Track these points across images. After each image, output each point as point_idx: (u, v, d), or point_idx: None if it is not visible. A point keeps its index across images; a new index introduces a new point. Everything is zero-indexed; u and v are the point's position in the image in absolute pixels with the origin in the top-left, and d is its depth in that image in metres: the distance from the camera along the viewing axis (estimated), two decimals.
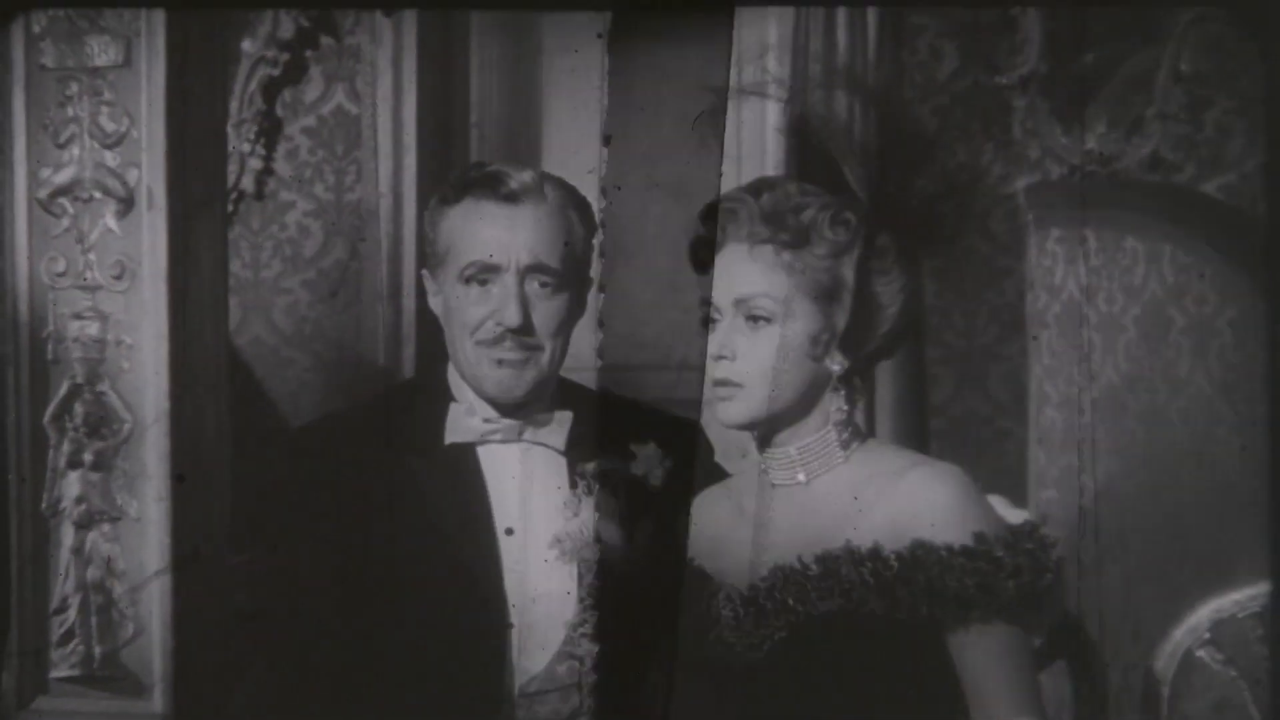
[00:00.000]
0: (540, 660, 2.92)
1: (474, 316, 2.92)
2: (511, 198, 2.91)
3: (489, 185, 2.92)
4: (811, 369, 2.73)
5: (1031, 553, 2.63)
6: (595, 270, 2.99)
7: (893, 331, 2.76)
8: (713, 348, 2.74)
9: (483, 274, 2.90)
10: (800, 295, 2.70)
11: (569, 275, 2.92)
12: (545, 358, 2.93)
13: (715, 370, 2.74)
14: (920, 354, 2.92)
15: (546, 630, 2.92)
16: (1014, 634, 2.63)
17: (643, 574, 2.89)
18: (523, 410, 2.95)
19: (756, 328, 2.72)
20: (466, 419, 2.96)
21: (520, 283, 2.90)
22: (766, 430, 2.75)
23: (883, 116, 2.85)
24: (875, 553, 2.65)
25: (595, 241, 2.98)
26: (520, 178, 2.91)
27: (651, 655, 2.84)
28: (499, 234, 2.90)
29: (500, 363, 2.92)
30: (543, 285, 2.91)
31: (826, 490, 2.73)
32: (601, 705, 2.91)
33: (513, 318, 2.89)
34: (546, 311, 2.92)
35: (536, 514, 2.93)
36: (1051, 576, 2.64)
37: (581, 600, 2.90)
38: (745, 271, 2.72)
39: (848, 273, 2.71)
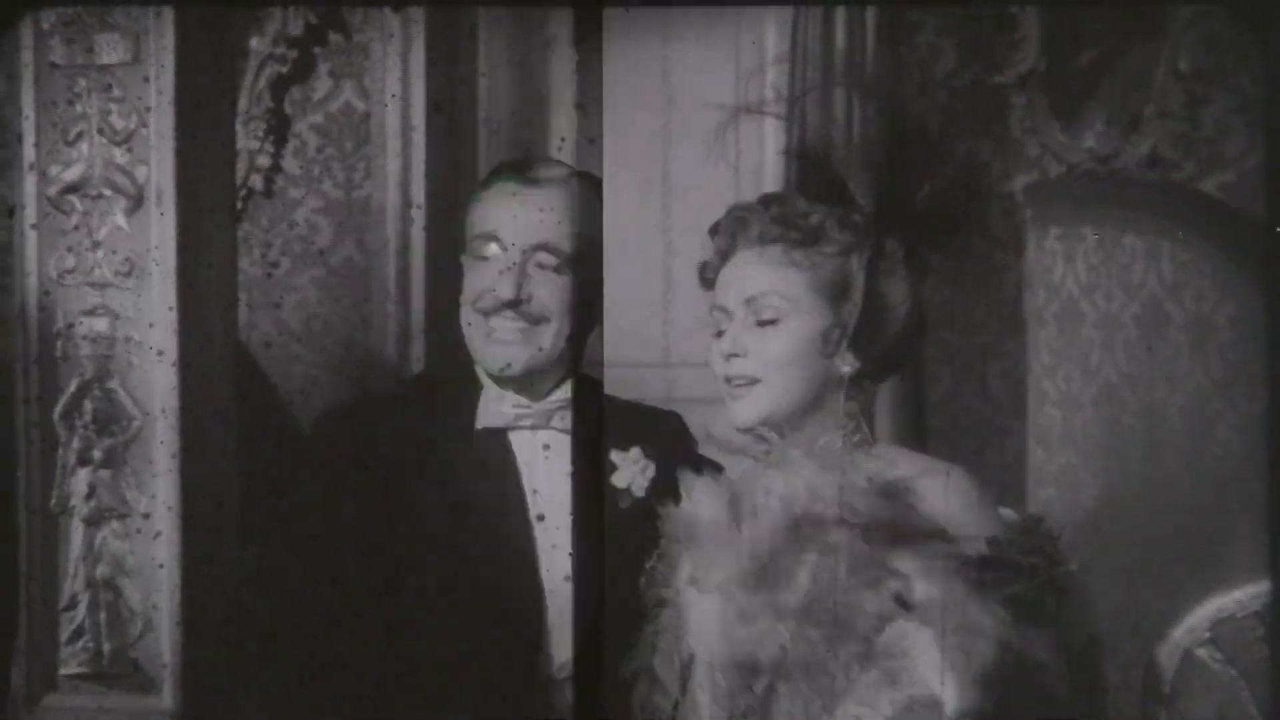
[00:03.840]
0: (570, 646, 2.93)
1: (475, 287, 2.94)
2: (533, 181, 2.93)
3: (515, 169, 2.95)
4: (823, 367, 2.73)
5: (1042, 549, 2.61)
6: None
7: (903, 332, 2.74)
8: (724, 347, 2.73)
9: (488, 247, 2.92)
10: (810, 292, 2.70)
11: (580, 262, 2.94)
12: (548, 335, 2.93)
13: (727, 369, 2.73)
14: (919, 351, 2.92)
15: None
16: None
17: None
18: (544, 393, 2.95)
19: (767, 326, 2.71)
20: (497, 404, 2.96)
21: (523, 258, 2.91)
22: (775, 431, 2.74)
23: (883, 115, 2.85)
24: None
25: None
26: (549, 167, 2.95)
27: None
28: (511, 210, 2.91)
29: (495, 335, 2.93)
30: (544, 266, 2.92)
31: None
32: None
33: (507, 290, 2.90)
34: (549, 289, 2.92)
35: (566, 500, 2.93)
36: (1065, 570, 2.62)
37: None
38: (755, 271, 2.72)
39: (857, 270, 2.70)
